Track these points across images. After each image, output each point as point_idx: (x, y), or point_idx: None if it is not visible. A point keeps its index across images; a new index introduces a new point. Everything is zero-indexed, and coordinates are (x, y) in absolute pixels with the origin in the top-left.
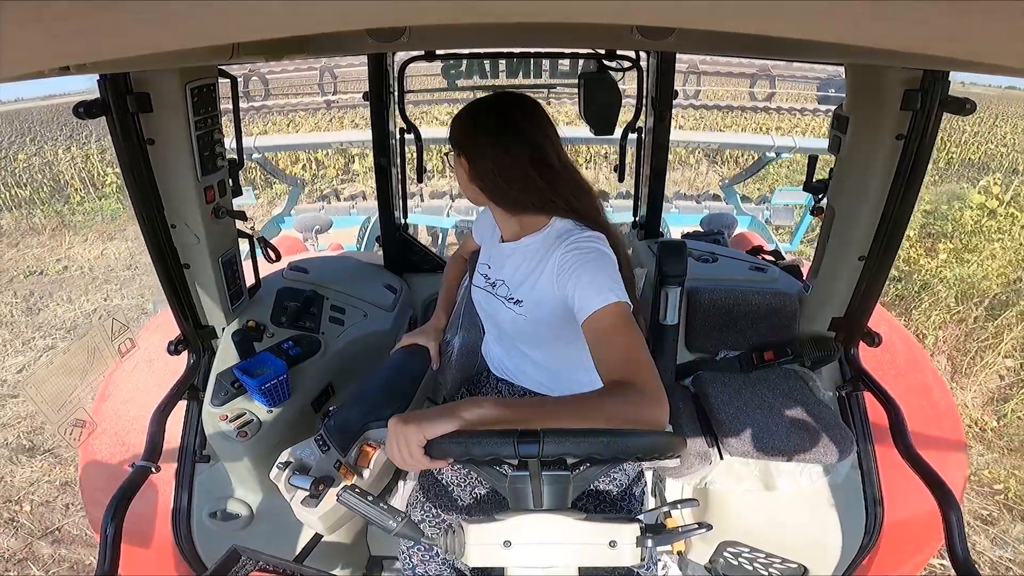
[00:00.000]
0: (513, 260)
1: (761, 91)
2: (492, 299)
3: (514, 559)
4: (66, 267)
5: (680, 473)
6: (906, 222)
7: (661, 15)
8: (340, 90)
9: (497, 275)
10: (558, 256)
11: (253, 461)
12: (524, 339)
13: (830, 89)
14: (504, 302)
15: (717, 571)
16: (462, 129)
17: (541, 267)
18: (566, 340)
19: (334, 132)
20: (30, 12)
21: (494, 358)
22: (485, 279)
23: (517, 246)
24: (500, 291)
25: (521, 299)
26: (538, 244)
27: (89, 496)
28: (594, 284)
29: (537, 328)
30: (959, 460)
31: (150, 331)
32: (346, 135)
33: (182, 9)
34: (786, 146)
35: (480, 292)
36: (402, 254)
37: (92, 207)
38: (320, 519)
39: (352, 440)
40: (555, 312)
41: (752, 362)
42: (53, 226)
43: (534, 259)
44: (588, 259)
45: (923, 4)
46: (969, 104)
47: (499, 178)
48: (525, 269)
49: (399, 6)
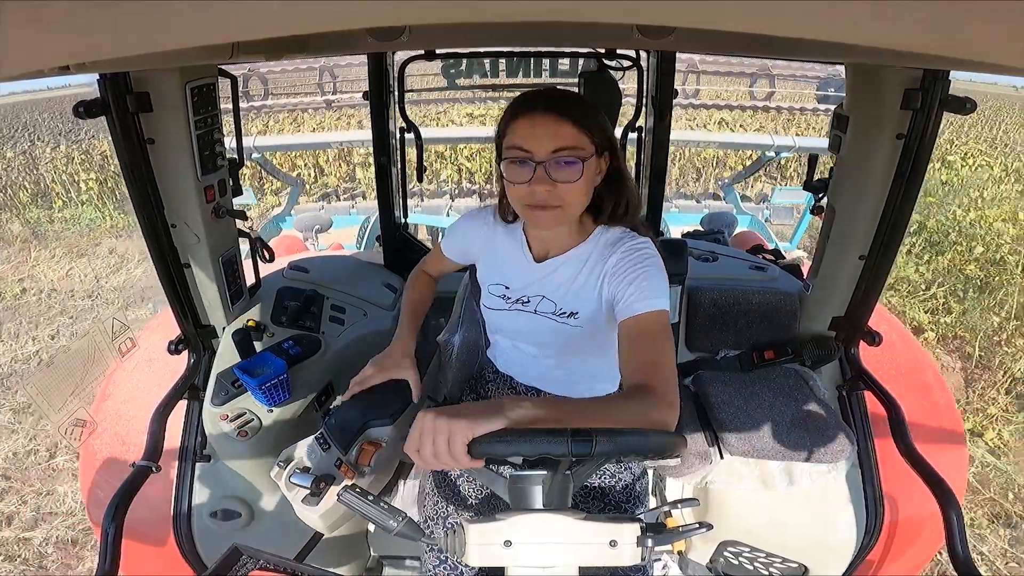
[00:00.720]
0: (560, 275)
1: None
2: (522, 316)
3: (514, 559)
4: (25, 290)
5: (680, 473)
6: (906, 221)
7: (661, 15)
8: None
9: (530, 293)
10: (616, 259)
11: (253, 461)
12: (571, 349)
13: (830, 88)
14: (549, 318)
15: (717, 571)
16: (598, 126)
17: (595, 274)
18: (609, 347)
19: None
20: (30, 11)
21: (510, 361)
22: (504, 300)
23: (564, 260)
24: (542, 308)
25: (576, 311)
26: (587, 253)
27: (89, 496)
28: (648, 287)
29: (595, 338)
30: (959, 459)
31: (150, 331)
32: (348, 135)
33: (182, 9)
34: (786, 145)
35: (500, 314)
36: (402, 254)
37: (72, 214)
38: (321, 517)
39: (353, 438)
40: (608, 317)
41: (752, 361)
42: (27, 236)
43: (586, 269)
44: (646, 262)
45: (923, 4)
46: (969, 103)
47: (618, 180)
48: (579, 280)
49: (399, 6)
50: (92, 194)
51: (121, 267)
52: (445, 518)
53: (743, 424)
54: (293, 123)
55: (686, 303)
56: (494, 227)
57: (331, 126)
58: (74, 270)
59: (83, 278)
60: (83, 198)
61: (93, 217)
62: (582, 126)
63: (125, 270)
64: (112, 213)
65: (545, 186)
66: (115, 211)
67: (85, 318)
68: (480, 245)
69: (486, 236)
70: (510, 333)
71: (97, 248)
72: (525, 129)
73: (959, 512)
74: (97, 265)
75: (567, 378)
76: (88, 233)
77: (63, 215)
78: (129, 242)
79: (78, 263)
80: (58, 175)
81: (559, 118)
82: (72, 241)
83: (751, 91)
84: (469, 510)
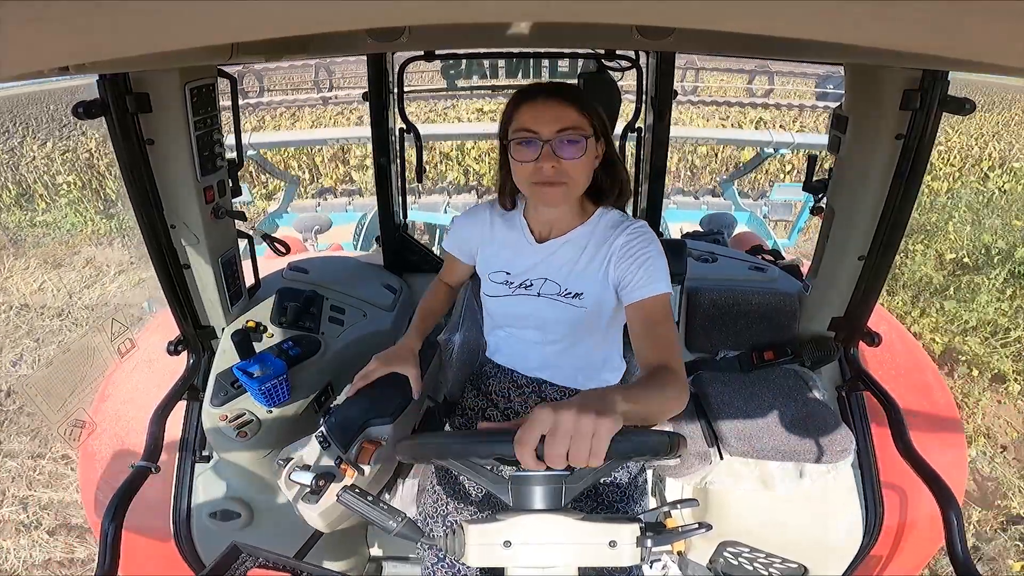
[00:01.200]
0: (562, 255)
1: (760, 87)
2: (526, 300)
3: (514, 559)
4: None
5: (680, 473)
6: (906, 222)
7: (661, 15)
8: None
9: (532, 276)
10: (622, 241)
11: (253, 461)
12: (576, 332)
13: (828, 85)
14: (554, 299)
15: (717, 571)
16: (596, 112)
17: (600, 255)
18: (615, 331)
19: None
20: (30, 12)
21: (512, 353)
22: (507, 285)
23: (565, 240)
24: (546, 290)
25: (581, 291)
26: (588, 234)
27: (89, 496)
28: (655, 271)
29: (599, 320)
30: (959, 459)
31: (150, 331)
32: (345, 132)
33: (182, 9)
34: (784, 142)
35: (502, 300)
36: (402, 254)
37: (53, 218)
38: (321, 515)
39: (353, 437)
40: (613, 297)
41: (752, 362)
42: (3, 242)
43: (589, 249)
44: (652, 246)
45: (923, 4)
46: (968, 104)
47: (612, 164)
48: (583, 260)
49: (399, 6)
50: (72, 197)
51: (96, 281)
52: (444, 517)
53: (743, 424)
54: (291, 118)
55: (686, 304)
56: (492, 218)
57: (329, 122)
58: (48, 283)
59: (56, 293)
60: (63, 201)
61: (75, 222)
62: (583, 109)
63: (100, 284)
64: (94, 217)
65: (551, 162)
66: (98, 216)
67: (51, 341)
68: (479, 238)
69: (483, 228)
70: (512, 320)
71: (75, 258)
72: (531, 112)
73: (959, 512)
74: (71, 279)
75: (571, 364)
76: (68, 240)
77: (44, 219)
78: (109, 251)
79: (52, 276)
80: (39, 176)
81: (562, 101)
82: (49, 250)
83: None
84: (469, 509)
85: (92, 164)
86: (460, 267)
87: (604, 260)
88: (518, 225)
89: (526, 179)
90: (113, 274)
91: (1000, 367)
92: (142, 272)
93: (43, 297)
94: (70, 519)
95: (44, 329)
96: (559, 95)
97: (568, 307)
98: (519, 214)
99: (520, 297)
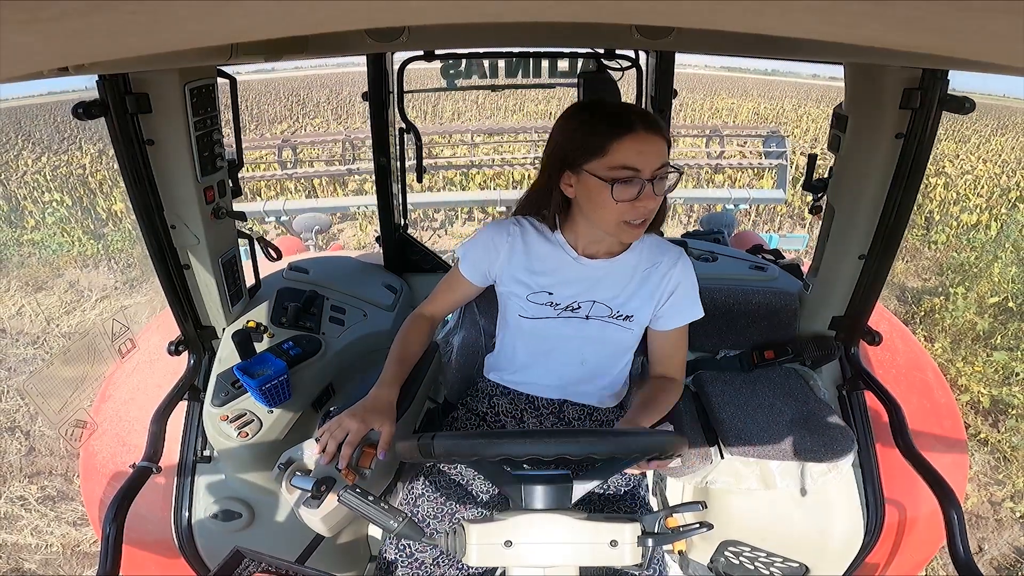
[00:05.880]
0: (612, 278)
1: (714, 149)
2: (571, 323)
3: (515, 559)
4: None
5: (681, 473)
6: (906, 220)
7: (661, 15)
8: (359, 157)
9: (581, 298)
10: (679, 275)
11: (254, 461)
12: (619, 353)
13: (771, 144)
14: (606, 322)
15: (718, 570)
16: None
17: (651, 281)
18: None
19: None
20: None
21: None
22: (552, 307)
23: (614, 263)
24: (595, 312)
25: (632, 314)
26: (636, 259)
27: (90, 497)
28: (696, 298)
29: (639, 339)
30: (960, 459)
31: (150, 331)
32: (365, 200)
33: (181, 9)
34: (742, 198)
35: (544, 322)
36: (402, 254)
37: (42, 236)
38: (322, 520)
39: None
40: (649, 319)
41: (752, 361)
42: None
43: (637, 273)
44: (694, 275)
45: (923, 3)
46: (968, 103)
47: None
48: (633, 286)
49: (399, 6)
50: (60, 215)
51: (76, 307)
52: (445, 517)
53: (743, 424)
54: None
55: None
56: (521, 237)
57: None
58: (27, 308)
59: (34, 318)
60: (49, 220)
61: (61, 242)
62: (667, 141)
63: (80, 311)
64: (82, 238)
65: (652, 203)
66: (85, 236)
67: (23, 370)
68: (505, 257)
69: (510, 247)
70: (550, 341)
71: (57, 280)
72: (632, 147)
73: (960, 512)
74: (51, 303)
75: (598, 384)
76: (52, 260)
77: (32, 237)
78: (94, 274)
79: (33, 300)
80: (30, 191)
81: (659, 135)
82: (33, 271)
83: (707, 151)
84: (470, 509)
85: (85, 181)
86: (464, 292)
87: (657, 288)
88: (558, 243)
89: (617, 217)
90: (94, 300)
91: None
92: (124, 299)
93: (21, 322)
94: (23, 563)
95: (17, 358)
96: (655, 127)
97: (620, 329)
98: (557, 233)
99: (565, 320)
